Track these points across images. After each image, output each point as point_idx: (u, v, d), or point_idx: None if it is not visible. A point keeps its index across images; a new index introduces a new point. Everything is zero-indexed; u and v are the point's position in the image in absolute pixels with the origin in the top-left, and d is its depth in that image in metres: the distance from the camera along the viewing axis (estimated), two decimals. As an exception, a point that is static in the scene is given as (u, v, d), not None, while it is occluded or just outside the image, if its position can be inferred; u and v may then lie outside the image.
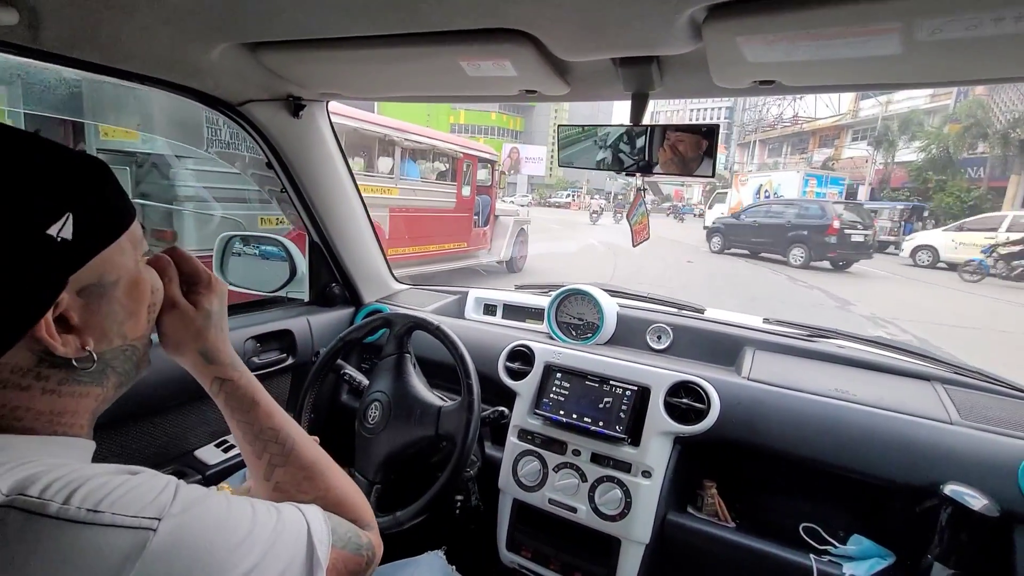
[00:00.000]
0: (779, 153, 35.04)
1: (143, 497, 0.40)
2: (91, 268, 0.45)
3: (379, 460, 1.00)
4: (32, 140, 0.44)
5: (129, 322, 0.50)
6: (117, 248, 0.48)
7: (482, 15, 0.70)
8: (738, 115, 43.03)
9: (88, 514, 0.37)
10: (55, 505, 0.37)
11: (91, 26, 0.78)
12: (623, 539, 1.03)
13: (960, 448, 0.89)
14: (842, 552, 0.92)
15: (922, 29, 0.57)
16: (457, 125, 36.81)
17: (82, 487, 0.38)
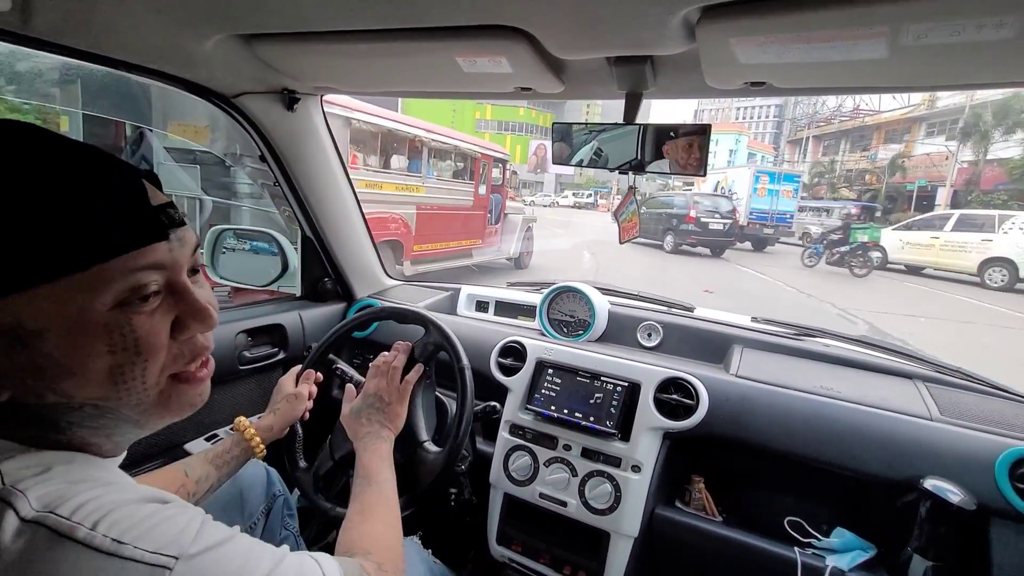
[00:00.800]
0: (836, 150, 32.01)
1: (167, 532, 0.40)
2: (3, 308, 0.38)
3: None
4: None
5: (68, 380, 0.41)
6: (48, 292, 0.38)
7: (479, 11, 0.71)
8: (789, 109, 40.27)
9: (112, 544, 0.37)
10: (83, 530, 0.37)
11: (83, 14, 0.78)
12: (612, 533, 1.04)
13: (940, 444, 0.91)
14: (825, 545, 0.94)
15: (908, 34, 0.59)
16: (483, 121, 36.04)
17: (111, 514, 0.39)
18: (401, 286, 1.73)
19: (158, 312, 0.45)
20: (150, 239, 0.43)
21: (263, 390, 1.31)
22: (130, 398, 0.44)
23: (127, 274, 0.41)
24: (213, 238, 1.46)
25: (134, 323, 0.42)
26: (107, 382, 0.42)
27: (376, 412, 0.92)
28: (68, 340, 0.40)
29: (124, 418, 0.45)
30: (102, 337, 0.41)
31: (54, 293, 0.38)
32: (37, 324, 0.39)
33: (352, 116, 5.15)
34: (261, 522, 1.02)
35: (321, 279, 1.51)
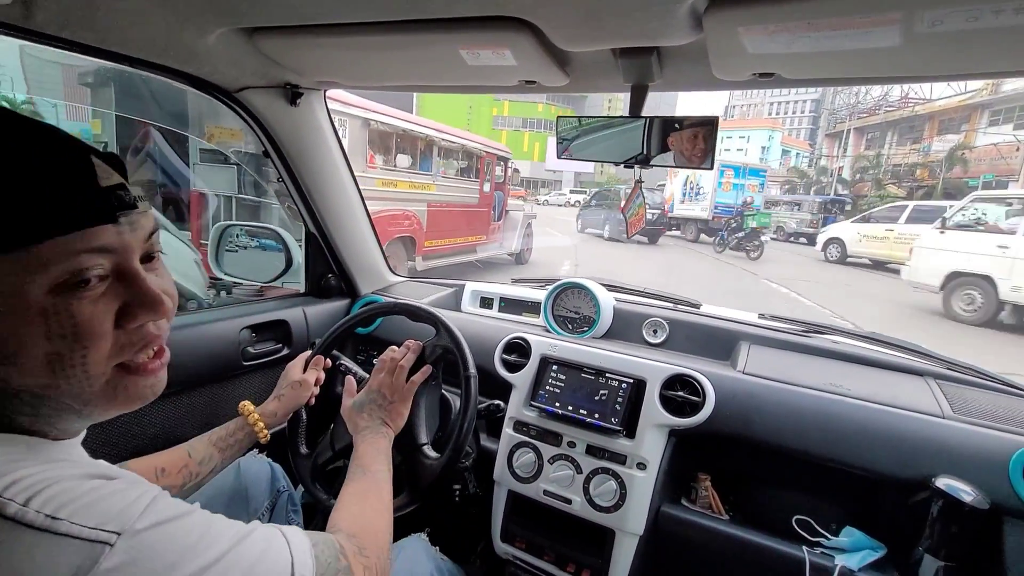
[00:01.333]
0: (881, 143, 28.72)
1: (110, 507, 0.38)
2: None
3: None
4: None
5: (3, 366, 0.40)
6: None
7: (483, 2, 0.70)
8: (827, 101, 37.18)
9: (46, 520, 0.35)
10: (14, 506, 0.35)
11: (85, 8, 0.77)
12: (617, 530, 1.03)
13: (952, 442, 0.89)
14: (834, 544, 0.93)
15: (923, 21, 0.58)
16: (500, 117, 35.66)
17: (46, 490, 0.37)
18: (405, 282, 1.72)
19: (102, 298, 0.43)
20: (95, 221, 0.41)
21: (267, 386, 1.30)
22: (71, 387, 0.42)
23: (67, 257, 0.39)
24: (217, 235, 1.46)
25: (73, 309, 0.40)
26: (45, 369, 0.40)
27: (378, 408, 0.91)
28: (8, 324, 0.38)
29: (65, 407, 0.43)
30: (38, 322, 0.39)
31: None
32: None
33: (371, 117, 5.34)
34: (265, 517, 1.02)
35: (325, 275, 1.51)
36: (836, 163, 30.94)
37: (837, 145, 33.60)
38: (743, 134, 57.69)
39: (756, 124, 57.24)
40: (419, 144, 6.43)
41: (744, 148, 58.59)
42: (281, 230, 1.41)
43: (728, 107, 64.74)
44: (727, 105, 63.92)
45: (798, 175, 34.54)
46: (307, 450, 1.03)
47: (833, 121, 35.14)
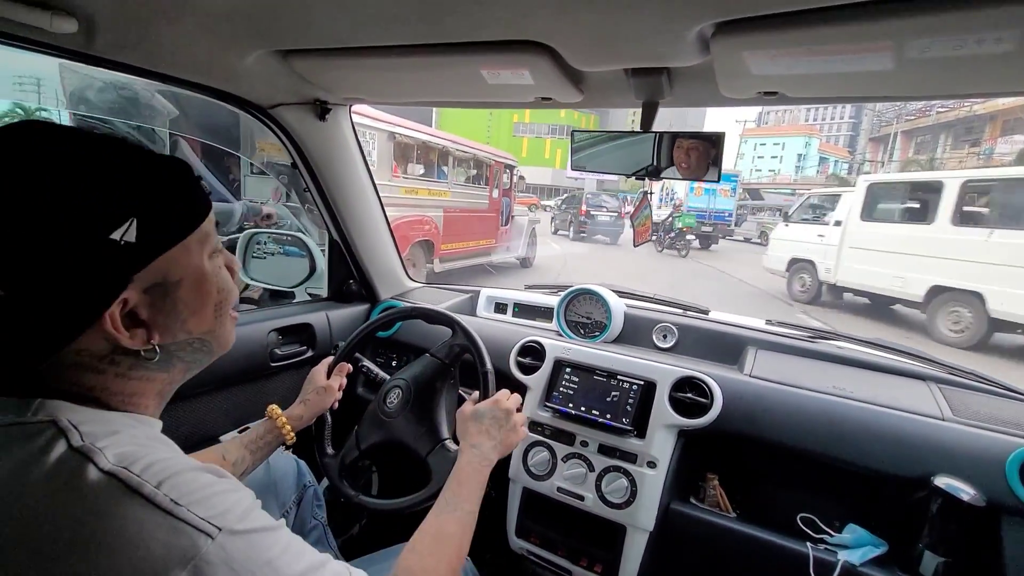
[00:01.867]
0: (933, 146, 25.74)
1: (218, 504, 0.44)
2: (155, 268, 0.48)
3: (389, 442, 1.04)
4: (105, 144, 0.47)
5: (193, 319, 0.53)
6: (182, 249, 0.50)
7: (504, 28, 0.75)
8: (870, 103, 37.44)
9: (171, 503, 0.42)
10: (149, 487, 0.42)
11: (140, 34, 0.84)
12: (628, 526, 1.07)
13: (951, 443, 0.93)
14: (837, 541, 0.97)
15: (912, 48, 0.63)
16: (521, 124, 35.07)
17: (174, 477, 0.44)
18: (422, 288, 1.78)
19: (223, 262, 0.58)
20: (210, 205, 0.55)
21: (293, 386, 1.36)
22: (222, 329, 0.58)
23: (211, 232, 0.54)
24: (245, 241, 1.53)
25: (222, 270, 0.57)
26: (212, 317, 0.56)
27: (498, 428, 0.89)
28: (195, 286, 0.53)
29: (209, 350, 0.58)
30: (213, 281, 0.55)
31: (184, 249, 0.51)
32: (177, 275, 0.51)
33: (395, 131, 5.76)
34: (293, 511, 1.08)
35: (346, 281, 1.57)
36: (882, 169, 27.97)
37: (882, 150, 31.12)
38: (777, 141, 55.18)
39: (792, 131, 55.66)
40: (435, 154, 6.76)
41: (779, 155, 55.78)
42: (306, 237, 1.48)
43: (762, 113, 62.70)
44: (760, 111, 62.19)
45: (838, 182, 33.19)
46: (333, 451, 1.08)
47: (878, 124, 32.19)
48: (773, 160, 59.43)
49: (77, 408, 0.47)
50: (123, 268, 0.46)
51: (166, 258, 0.49)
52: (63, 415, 0.45)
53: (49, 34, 0.76)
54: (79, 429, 0.45)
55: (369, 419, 1.08)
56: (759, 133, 62.35)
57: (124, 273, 0.46)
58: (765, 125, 64.17)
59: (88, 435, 0.45)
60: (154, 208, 0.48)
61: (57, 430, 0.44)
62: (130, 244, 0.45)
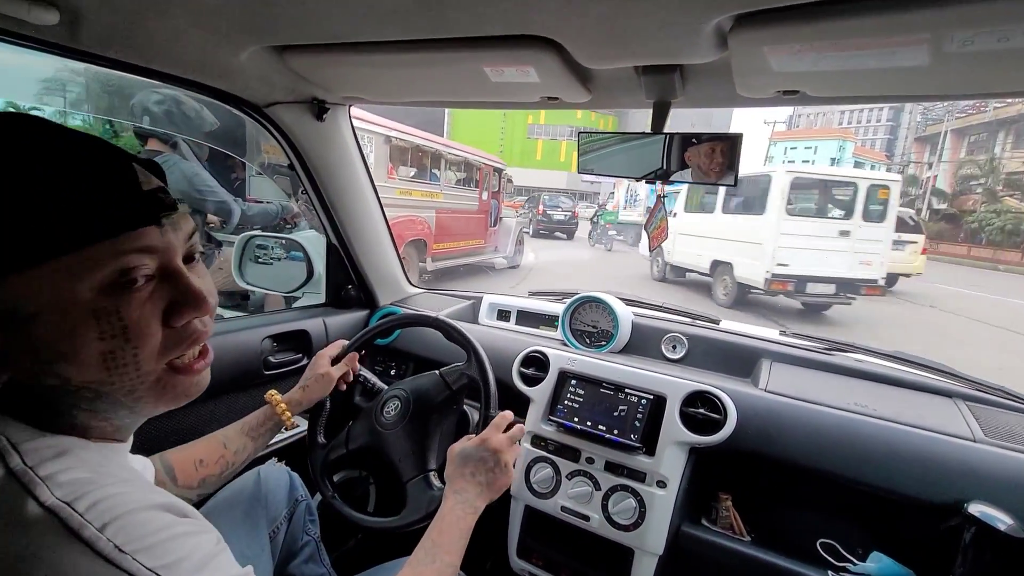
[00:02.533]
0: (990, 145, 22.80)
1: (172, 550, 0.40)
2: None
3: (376, 452, 1.01)
4: None
5: (63, 364, 0.42)
6: (45, 273, 0.39)
7: (509, 22, 0.71)
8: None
9: (114, 551, 0.37)
10: (91, 529, 0.37)
11: (127, 27, 0.81)
12: (636, 549, 1.02)
13: (984, 467, 0.87)
14: (861, 569, 0.90)
15: (952, 41, 0.57)
16: (536, 125, 34.72)
17: (122, 518, 0.39)
18: (423, 294, 1.74)
19: (150, 298, 0.45)
20: (139, 223, 0.43)
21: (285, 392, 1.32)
22: (123, 384, 0.44)
23: (115, 257, 0.41)
24: (241, 245, 1.49)
25: (122, 308, 0.43)
26: (100, 367, 0.43)
27: (485, 470, 0.85)
28: (60, 323, 0.40)
29: (119, 403, 0.46)
30: (91, 322, 0.41)
31: (44, 276, 0.39)
32: (31, 307, 0.39)
33: (391, 134, 5.95)
34: (284, 526, 1.03)
35: (345, 286, 1.53)
36: (929, 172, 25.00)
37: (928, 150, 27.45)
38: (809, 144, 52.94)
39: (824, 134, 53.16)
40: (428, 157, 7.02)
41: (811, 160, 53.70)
42: (303, 241, 1.44)
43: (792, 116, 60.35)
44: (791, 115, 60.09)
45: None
46: (324, 440, 1.06)
47: (923, 123, 28.83)
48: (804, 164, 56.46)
49: (23, 427, 0.42)
50: None
51: (15, 283, 0.38)
52: (6, 432, 0.41)
53: (29, 26, 0.72)
54: (18, 449, 0.40)
55: (363, 422, 1.05)
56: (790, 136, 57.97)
57: None
58: (796, 128, 61.40)
59: (29, 454, 0.40)
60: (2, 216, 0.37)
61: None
62: None
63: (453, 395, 1.02)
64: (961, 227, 17.23)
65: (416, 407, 1.01)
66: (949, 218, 20.74)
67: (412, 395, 1.03)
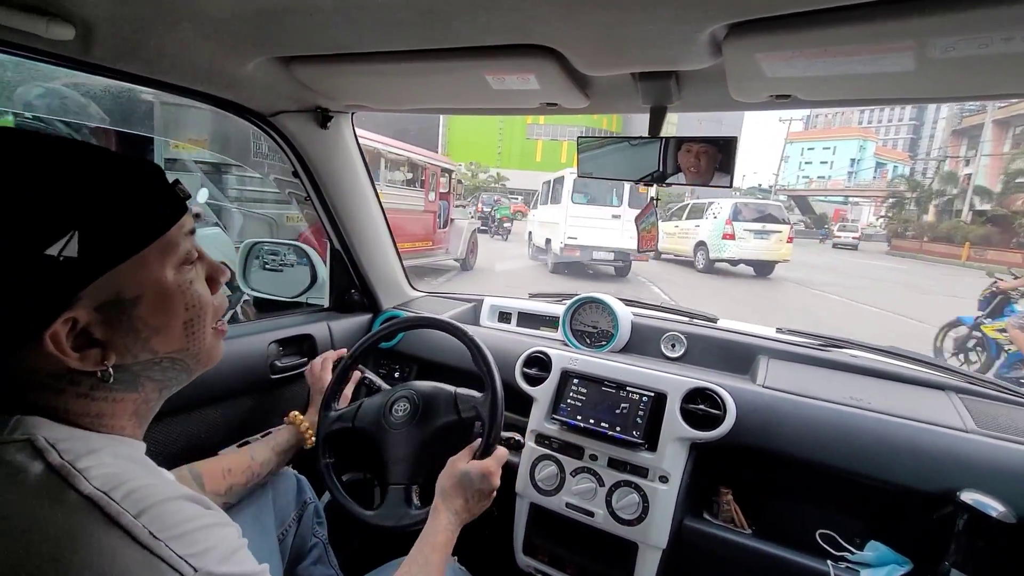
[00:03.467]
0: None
1: (201, 540, 0.42)
2: (106, 284, 0.44)
3: (375, 443, 1.03)
4: (44, 147, 0.43)
5: (157, 338, 0.49)
6: (138, 262, 0.46)
7: (510, 32, 0.73)
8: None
9: (149, 537, 0.40)
10: (127, 517, 0.40)
11: (138, 40, 0.83)
12: (640, 543, 1.04)
13: (976, 456, 0.89)
14: (859, 558, 0.93)
15: (935, 48, 0.60)
16: (536, 125, 34.42)
17: (156, 506, 0.41)
18: (425, 298, 1.76)
19: (199, 273, 0.54)
20: (183, 211, 0.51)
21: (294, 399, 1.34)
22: (196, 348, 0.53)
23: (180, 241, 0.50)
24: (245, 251, 1.51)
25: (195, 283, 0.52)
26: (182, 335, 0.51)
27: (476, 495, 0.88)
28: (156, 303, 0.48)
29: (185, 368, 0.54)
30: (178, 297, 0.50)
31: (140, 263, 0.46)
32: (133, 292, 0.46)
33: None
34: (293, 528, 1.05)
35: (348, 290, 1.55)
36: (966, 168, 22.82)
37: (966, 144, 25.19)
38: (827, 145, 52.08)
39: (843, 133, 51.67)
40: (367, 156, 6.95)
41: (829, 160, 51.80)
42: (307, 247, 1.46)
43: (810, 116, 58.81)
44: (808, 114, 58.37)
45: (909, 186, 26.95)
46: (336, 409, 1.09)
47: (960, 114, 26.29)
48: (823, 166, 53.61)
49: (55, 426, 0.45)
50: (63, 285, 0.42)
51: (118, 273, 0.45)
52: (40, 432, 0.43)
53: (45, 41, 0.74)
54: (56, 447, 0.42)
55: (374, 409, 1.06)
56: (806, 137, 56.97)
57: (65, 291, 0.43)
58: (814, 128, 59.32)
59: (66, 452, 0.42)
60: (101, 219, 0.43)
61: (33, 449, 0.42)
62: (71, 260, 0.41)
63: (459, 421, 1.01)
64: (1014, 230, 15.60)
65: (423, 416, 1.02)
66: (997, 220, 18.92)
67: (422, 402, 1.03)
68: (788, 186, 47.79)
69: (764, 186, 46.19)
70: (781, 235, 10.35)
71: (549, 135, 35.07)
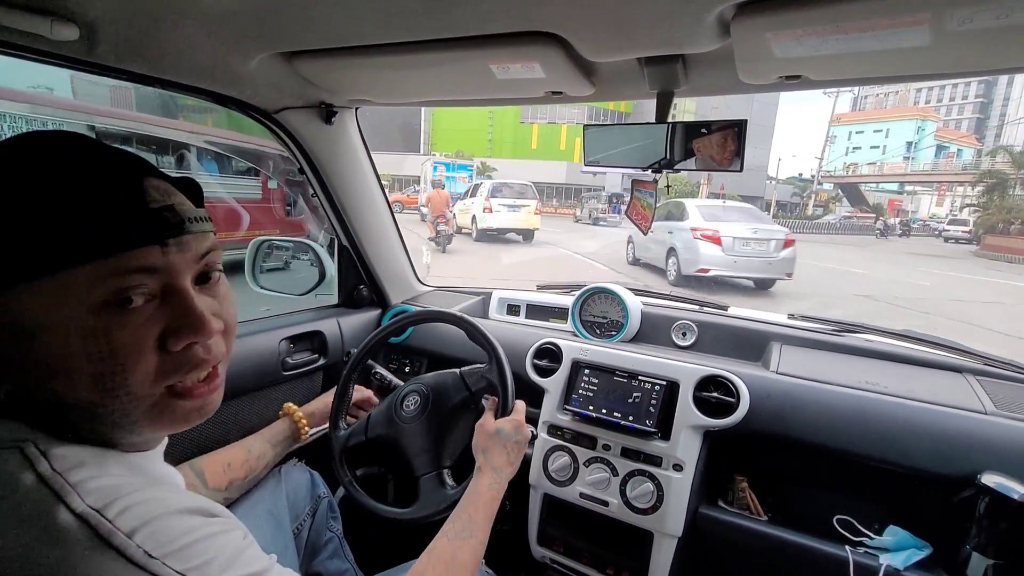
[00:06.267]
0: None
1: (200, 552, 0.40)
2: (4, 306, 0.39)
3: (393, 443, 1.03)
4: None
5: (55, 381, 0.41)
6: (39, 290, 0.39)
7: (513, 18, 0.72)
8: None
9: (143, 557, 0.37)
10: (120, 536, 0.37)
11: (141, 40, 0.82)
12: (656, 532, 1.03)
13: (996, 438, 0.88)
14: (878, 543, 0.92)
15: (952, 19, 0.59)
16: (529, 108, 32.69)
17: (151, 523, 0.39)
18: (433, 292, 1.76)
19: (147, 320, 0.43)
20: (139, 242, 0.41)
21: (306, 395, 1.34)
22: (116, 406, 0.43)
23: (112, 276, 0.40)
24: (253, 249, 1.51)
25: (113, 330, 0.41)
26: (92, 387, 0.41)
27: (516, 449, 0.90)
28: (56, 341, 0.40)
29: (117, 424, 0.44)
30: (77, 342, 0.40)
31: (41, 291, 0.38)
32: (29, 322, 0.39)
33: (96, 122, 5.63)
34: (308, 522, 1.05)
35: (357, 287, 1.55)
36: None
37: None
38: (878, 127, 47.27)
39: (898, 113, 46.69)
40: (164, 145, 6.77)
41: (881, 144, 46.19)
42: (315, 244, 1.46)
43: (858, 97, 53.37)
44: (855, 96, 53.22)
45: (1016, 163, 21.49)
46: (345, 426, 1.09)
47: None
48: (873, 151, 47.63)
49: (43, 435, 0.42)
50: None
51: (17, 297, 0.38)
52: (30, 438, 0.41)
53: (50, 42, 0.74)
54: (47, 455, 0.40)
55: (383, 413, 1.07)
56: (854, 118, 51.07)
57: None
58: (862, 110, 52.99)
59: (58, 460, 0.40)
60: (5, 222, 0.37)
61: (23, 457, 0.39)
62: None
63: (471, 396, 1.03)
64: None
65: (435, 403, 1.02)
66: None
67: (431, 391, 1.04)
68: (834, 172, 42.49)
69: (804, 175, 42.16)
70: (529, 208, 12.77)
71: (547, 117, 33.29)
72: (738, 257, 7.15)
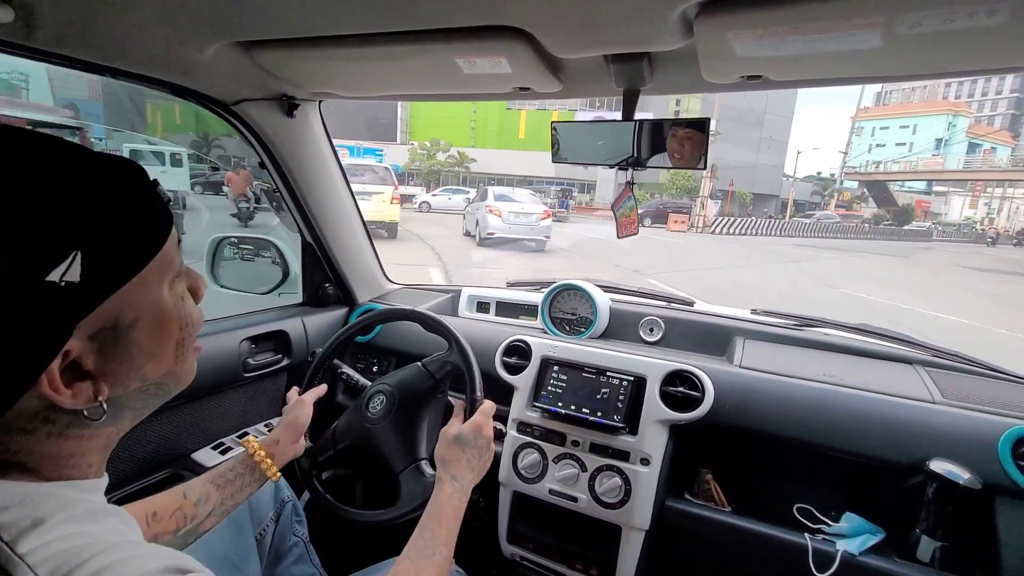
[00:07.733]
0: None
1: None
2: (104, 310, 0.39)
3: (365, 447, 1.01)
4: (43, 151, 0.37)
5: (150, 363, 0.45)
6: (138, 283, 0.41)
7: (479, 12, 0.72)
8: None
9: None
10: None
11: (84, 24, 0.78)
12: (624, 526, 1.05)
13: (943, 426, 0.93)
14: (835, 530, 0.95)
15: (902, 23, 0.61)
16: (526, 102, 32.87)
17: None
18: (402, 290, 1.73)
19: (186, 287, 0.50)
20: (171, 219, 0.46)
21: (268, 397, 1.31)
22: (181, 369, 0.49)
23: (172, 258, 0.46)
24: (212, 247, 1.45)
25: (185, 300, 0.48)
26: (172, 357, 0.47)
27: (478, 455, 0.86)
28: (153, 325, 0.44)
29: (167, 393, 0.50)
30: (175, 317, 0.46)
31: (141, 282, 0.42)
32: (130, 316, 0.42)
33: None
34: (271, 527, 1.02)
35: (322, 285, 1.51)
36: None
37: None
38: (905, 123, 44.40)
39: (926, 108, 43.89)
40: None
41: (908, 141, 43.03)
42: (278, 241, 1.42)
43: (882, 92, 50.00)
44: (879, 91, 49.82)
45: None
46: (311, 444, 1.04)
47: None
48: (899, 148, 44.35)
49: (2, 483, 0.38)
50: (65, 315, 0.36)
51: (118, 296, 0.40)
52: None
53: None
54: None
55: (348, 420, 1.04)
56: (879, 113, 48.00)
57: (66, 321, 0.36)
58: (885, 104, 49.84)
59: (8, 527, 0.36)
60: (104, 236, 0.38)
61: None
62: (73, 285, 0.35)
63: (437, 384, 1.01)
64: None
65: (402, 399, 1.01)
66: None
67: (397, 388, 1.02)
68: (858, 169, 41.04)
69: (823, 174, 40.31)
70: (383, 197, 11.16)
71: (535, 104, 33.02)
72: (512, 225, 11.00)
